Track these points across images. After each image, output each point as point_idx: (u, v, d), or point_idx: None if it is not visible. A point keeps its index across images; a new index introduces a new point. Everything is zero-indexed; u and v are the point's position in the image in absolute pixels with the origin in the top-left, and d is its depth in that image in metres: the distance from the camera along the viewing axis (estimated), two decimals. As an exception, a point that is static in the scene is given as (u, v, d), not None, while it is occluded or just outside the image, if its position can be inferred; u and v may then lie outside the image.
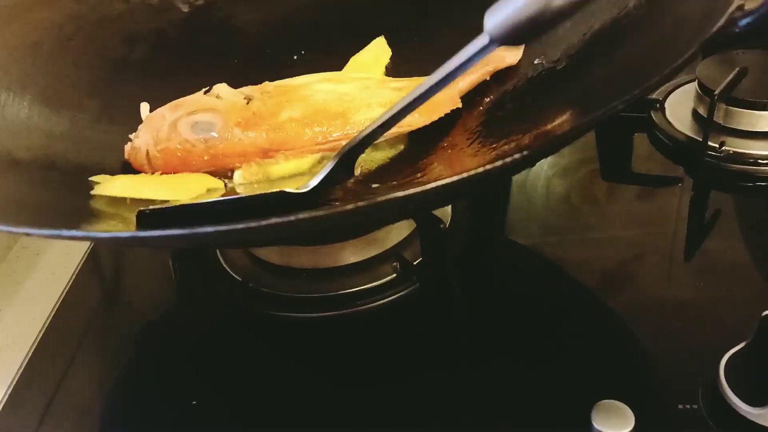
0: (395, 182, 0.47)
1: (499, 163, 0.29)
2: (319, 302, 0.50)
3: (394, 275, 0.50)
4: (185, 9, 0.61)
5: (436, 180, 0.30)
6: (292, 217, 0.29)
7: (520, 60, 0.53)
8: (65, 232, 0.31)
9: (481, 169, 0.29)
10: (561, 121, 0.41)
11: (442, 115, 0.51)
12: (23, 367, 0.50)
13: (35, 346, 0.52)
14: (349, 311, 0.49)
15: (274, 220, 0.28)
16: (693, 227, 0.55)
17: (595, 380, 0.43)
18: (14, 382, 0.49)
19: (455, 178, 0.29)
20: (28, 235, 0.33)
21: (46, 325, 0.53)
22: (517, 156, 0.29)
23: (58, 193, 0.45)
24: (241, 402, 0.45)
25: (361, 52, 0.59)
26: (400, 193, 0.29)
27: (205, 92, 0.52)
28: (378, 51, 0.59)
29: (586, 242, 0.55)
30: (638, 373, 0.44)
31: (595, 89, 0.42)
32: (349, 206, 0.28)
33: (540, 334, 0.47)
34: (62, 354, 0.51)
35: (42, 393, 0.48)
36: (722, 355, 0.41)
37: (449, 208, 0.56)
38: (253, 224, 0.28)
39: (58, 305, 0.55)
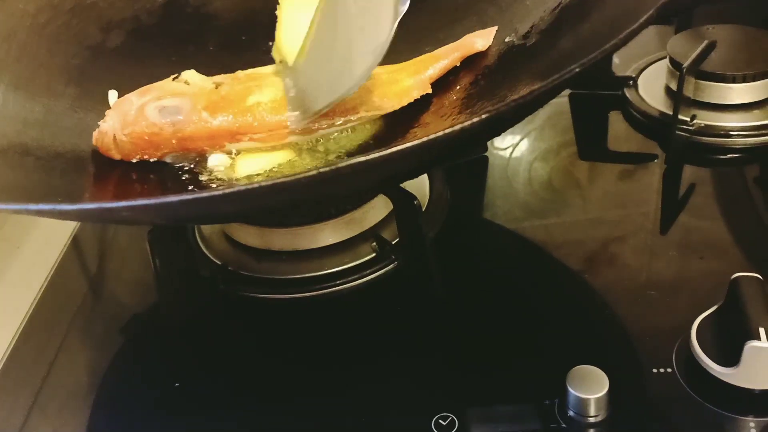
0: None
1: (457, 127, 0.30)
2: (298, 283, 0.50)
3: (373, 255, 0.51)
4: (160, -4, 0.61)
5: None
6: (256, 185, 0.29)
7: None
8: (32, 206, 0.31)
9: (440, 133, 0.29)
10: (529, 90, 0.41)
11: (412, 100, 0.51)
12: (6, 358, 0.50)
13: (17, 337, 0.52)
14: (328, 291, 0.50)
15: (237, 188, 0.29)
16: (668, 201, 0.56)
17: (571, 349, 0.44)
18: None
19: (416, 142, 0.29)
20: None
21: (28, 315, 0.54)
22: (475, 120, 0.30)
23: (33, 176, 0.45)
24: (223, 383, 0.46)
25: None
26: (362, 158, 0.29)
27: (174, 78, 0.52)
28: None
29: (567, 223, 0.56)
30: (613, 340, 0.45)
31: (562, 61, 0.42)
32: (312, 172, 0.29)
33: (517, 309, 0.48)
34: (45, 344, 0.51)
35: (26, 381, 0.48)
36: (695, 319, 0.42)
37: (426, 188, 0.56)
38: (217, 193, 0.29)
39: (39, 296, 0.55)
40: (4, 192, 0.41)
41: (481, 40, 0.53)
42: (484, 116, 0.30)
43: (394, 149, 0.30)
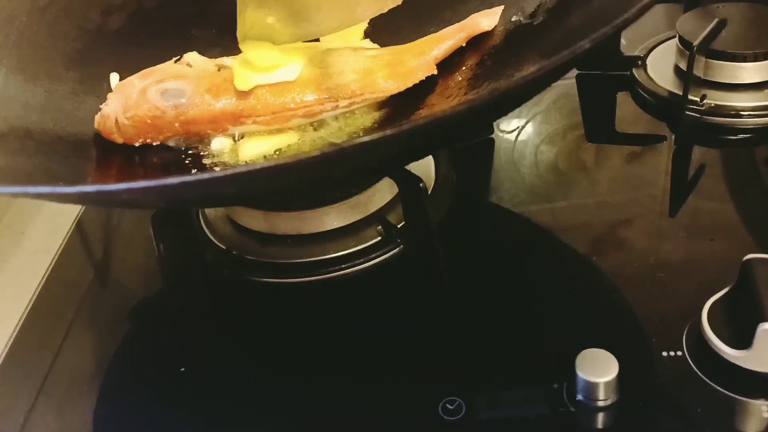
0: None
1: (464, 106, 0.29)
2: (303, 267, 0.50)
3: (379, 238, 0.50)
4: (162, -22, 0.60)
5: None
6: (258, 166, 0.29)
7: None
8: (31, 189, 0.30)
9: (445, 111, 0.29)
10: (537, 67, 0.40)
11: (417, 81, 0.50)
12: (10, 344, 0.50)
13: (21, 324, 0.52)
14: (333, 275, 0.49)
15: (239, 170, 0.28)
16: (677, 182, 0.55)
17: (581, 332, 0.43)
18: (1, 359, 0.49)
19: (420, 121, 0.29)
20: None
21: (33, 301, 0.53)
22: (482, 97, 0.29)
23: (34, 161, 0.45)
24: (228, 368, 0.45)
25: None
26: (365, 138, 0.28)
27: (176, 61, 0.51)
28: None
29: (574, 206, 0.55)
30: (623, 323, 0.44)
31: (570, 40, 0.41)
32: (315, 153, 0.28)
33: (524, 293, 0.47)
34: (50, 330, 0.51)
35: (31, 368, 0.48)
36: (705, 302, 0.41)
37: (432, 171, 0.56)
38: (219, 174, 0.28)
39: (43, 282, 0.55)
40: (4, 175, 0.40)
41: (486, 19, 0.53)
42: (490, 95, 0.30)
43: (399, 129, 0.29)
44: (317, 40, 0.54)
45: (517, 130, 0.63)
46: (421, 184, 0.45)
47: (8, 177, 0.40)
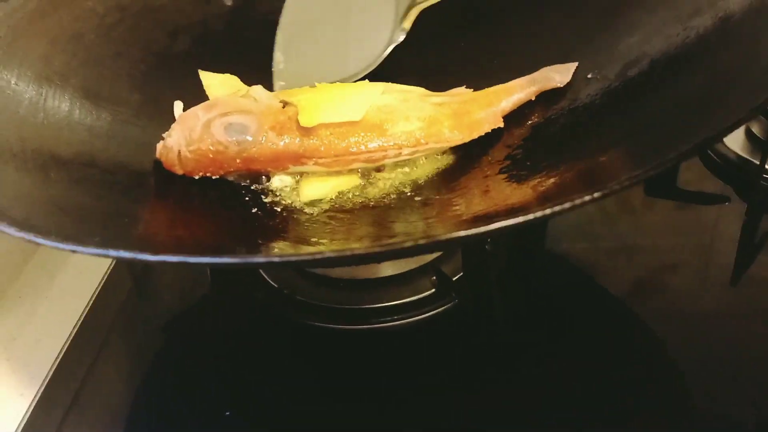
0: (436, 196, 0.46)
1: (530, 216, 0.29)
2: (354, 314, 0.49)
3: (432, 290, 0.49)
4: (228, 2, 0.60)
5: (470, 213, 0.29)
6: (319, 256, 0.29)
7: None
8: (112, 252, 0.30)
9: (508, 222, 0.28)
10: (607, 159, 0.39)
11: (482, 133, 0.49)
12: (58, 361, 0.50)
13: (69, 341, 0.51)
14: (384, 325, 0.49)
15: (328, 254, 0.28)
16: (743, 252, 0.53)
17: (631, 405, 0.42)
18: (49, 376, 0.49)
19: (482, 229, 0.29)
20: (74, 252, 0.32)
21: (81, 319, 0.53)
22: (554, 208, 0.29)
23: (96, 191, 0.44)
24: (269, 409, 0.45)
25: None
26: (461, 233, 0.28)
27: (241, 95, 0.51)
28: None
29: (623, 251, 0.54)
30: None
31: (650, 123, 0.40)
32: (408, 242, 0.28)
33: (585, 354, 0.46)
34: (95, 349, 0.51)
35: (74, 385, 0.48)
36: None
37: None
38: (275, 259, 0.28)
39: (93, 300, 0.55)
40: (69, 214, 0.40)
41: (559, 75, 0.51)
42: (560, 207, 0.29)
43: (482, 230, 0.29)
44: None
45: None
46: (487, 247, 0.44)
47: (74, 215, 0.40)
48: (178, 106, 0.52)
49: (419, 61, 0.58)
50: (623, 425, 0.37)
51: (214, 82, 0.54)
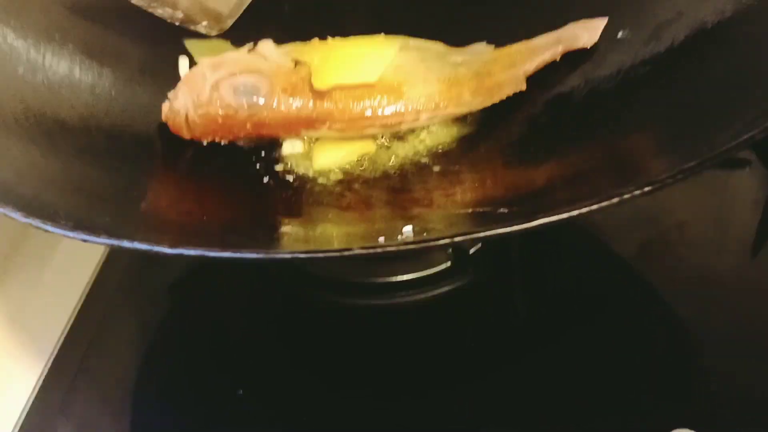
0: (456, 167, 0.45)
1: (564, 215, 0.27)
2: (367, 288, 0.48)
3: (448, 263, 0.48)
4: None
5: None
6: (356, 251, 0.29)
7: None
8: (126, 244, 0.29)
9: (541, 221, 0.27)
10: (643, 140, 0.37)
11: (504, 97, 0.47)
12: (67, 329, 0.49)
13: (79, 307, 0.51)
14: (394, 302, 0.48)
15: (332, 254, 0.28)
16: (766, 221, 0.52)
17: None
18: (58, 345, 0.48)
19: (498, 230, 0.28)
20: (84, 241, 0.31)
21: (90, 284, 0.52)
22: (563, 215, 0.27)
23: (103, 162, 0.43)
24: (286, 390, 0.44)
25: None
26: (481, 234, 0.28)
27: (249, 51, 0.48)
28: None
29: (639, 222, 0.52)
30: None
31: (692, 103, 0.37)
32: (392, 247, 0.30)
33: (611, 341, 0.44)
34: (103, 315, 0.50)
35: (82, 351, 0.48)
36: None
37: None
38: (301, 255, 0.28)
39: (100, 266, 0.54)
40: (77, 190, 0.38)
41: (586, 33, 0.48)
42: (608, 202, 0.27)
43: (497, 231, 0.28)
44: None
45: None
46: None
47: (82, 194, 0.38)
48: (183, 62, 0.50)
49: (437, 8, 0.55)
50: (641, 402, 0.37)
51: (203, 50, 0.51)
